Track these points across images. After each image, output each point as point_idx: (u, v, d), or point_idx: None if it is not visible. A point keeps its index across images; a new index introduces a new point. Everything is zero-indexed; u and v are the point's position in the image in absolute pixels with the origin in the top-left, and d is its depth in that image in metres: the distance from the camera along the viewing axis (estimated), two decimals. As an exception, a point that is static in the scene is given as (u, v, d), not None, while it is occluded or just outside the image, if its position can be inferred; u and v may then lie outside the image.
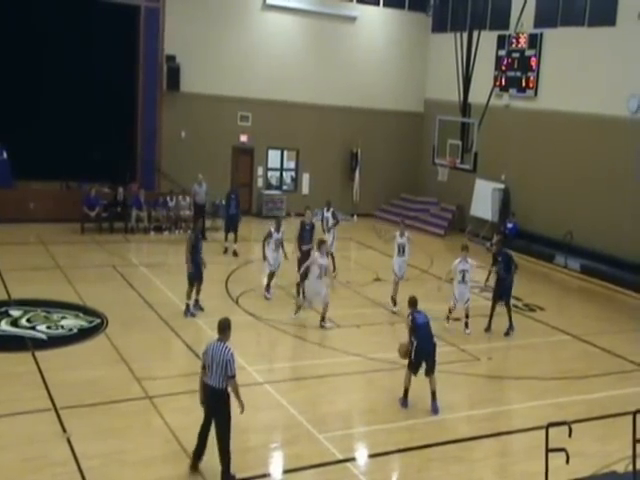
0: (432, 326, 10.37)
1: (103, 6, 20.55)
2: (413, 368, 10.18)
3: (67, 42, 20.44)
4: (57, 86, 20.39)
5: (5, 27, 19.99)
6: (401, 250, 14.87)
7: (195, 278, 13.51)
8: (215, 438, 7.80)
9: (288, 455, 8.75)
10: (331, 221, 17.08)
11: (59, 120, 20.23)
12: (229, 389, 7.77)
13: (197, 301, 13.64)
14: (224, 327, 7.89)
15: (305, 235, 14.85)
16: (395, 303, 14.50)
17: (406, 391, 10.22)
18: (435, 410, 10.04)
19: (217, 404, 7.74)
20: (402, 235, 14.92)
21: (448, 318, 13.65)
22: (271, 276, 14.93)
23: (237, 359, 11.09)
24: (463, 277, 13.40)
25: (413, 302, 10.54)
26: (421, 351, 10.10)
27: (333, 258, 16.68)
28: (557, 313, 15.76)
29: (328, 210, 17.29)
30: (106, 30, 20.80)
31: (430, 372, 10.14)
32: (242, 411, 7.75)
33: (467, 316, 13.55)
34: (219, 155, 22.89)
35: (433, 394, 10.10)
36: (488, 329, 13.80)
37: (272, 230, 14.88)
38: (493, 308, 13.89)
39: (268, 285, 14.91)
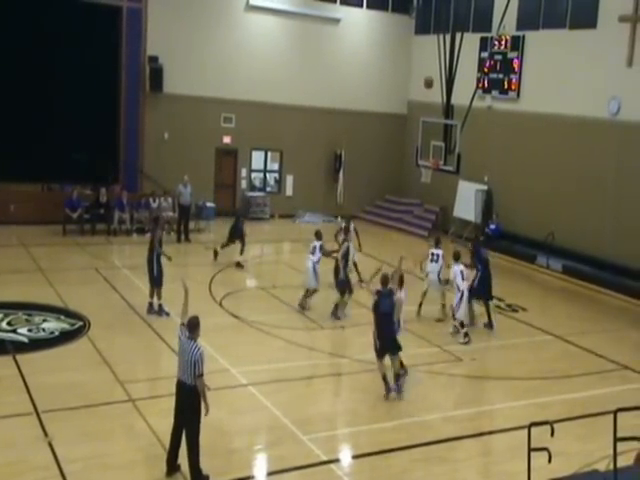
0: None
1: (84, 6, 20.39)
2: (378, 354, 10.46)
3: (48, 43, 20.23)
4: (38, 86, 20.17)
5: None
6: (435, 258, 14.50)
7: (158, 282, 13.26)
8: (185, 437, 7.78)
9: (272, 457, 8.73)
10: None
11: (40, 121, 20.05)
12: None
13: (161, 306, 13.30)
14: (193, 325, 7.89)
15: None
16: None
17: (384, 378, 10.42)
18: (392, 390, 10.37)
19: (187, 400, 7.78)
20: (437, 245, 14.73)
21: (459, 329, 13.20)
22: (312, 292, 14.32)
23: (221, 361, 11.15)
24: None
25: (384, 281, 10.50)
26: (382, 338, 10.37)
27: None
28: (539, 313, 15.86)
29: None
30: (88, 31, 20.63)
31: (392, 353, 10.41)
32: (207, 412, 7.73)
33: (453, 316, 13.45)
34: (202, 156, 22.81)
35: (396, 376, 10.45)
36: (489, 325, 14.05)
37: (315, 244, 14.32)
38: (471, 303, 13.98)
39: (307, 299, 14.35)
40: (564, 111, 19.73)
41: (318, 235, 14.52)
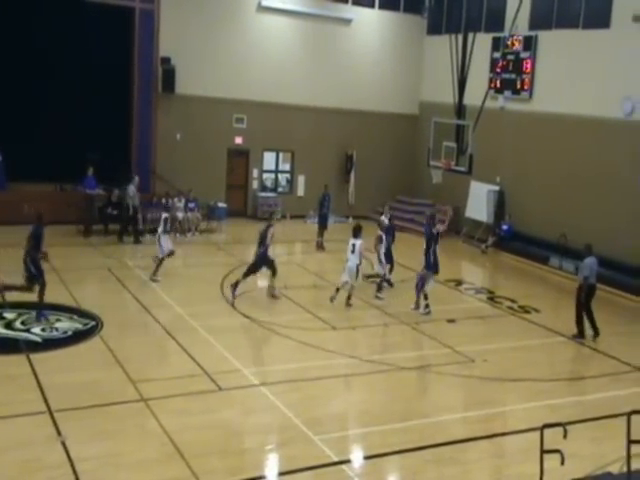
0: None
1: (97, 8, 20.50)
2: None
3: (61, 44, 20.36)
4: (51, 88, 20.31)
5: (-2, 29, 19.97)
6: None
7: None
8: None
9: (283, 457, 8.73)
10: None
11: (53, 122, 20.16)
12: None
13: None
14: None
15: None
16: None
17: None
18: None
19: None
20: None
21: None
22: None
23: (233, 361, 11.18)
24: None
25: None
26: None
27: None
28: (552, 315, 15.77)
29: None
30: (101, 32, 20.73)
31: None
32: None
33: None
34: (214, 157, 22.88)
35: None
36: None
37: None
38: None
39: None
40: (577, 111, 19.62)
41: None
